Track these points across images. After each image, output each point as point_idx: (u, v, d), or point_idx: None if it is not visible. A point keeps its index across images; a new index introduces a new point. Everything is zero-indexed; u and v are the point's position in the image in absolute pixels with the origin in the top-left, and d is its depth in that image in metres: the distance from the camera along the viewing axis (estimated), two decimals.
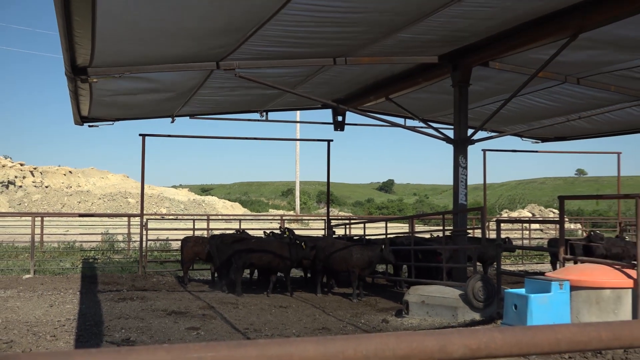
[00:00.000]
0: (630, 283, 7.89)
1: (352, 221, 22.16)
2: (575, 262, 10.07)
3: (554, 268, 16.46)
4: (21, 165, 58.85)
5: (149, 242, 17.23)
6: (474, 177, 12.29)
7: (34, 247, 15.83)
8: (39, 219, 17.59)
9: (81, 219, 30.20)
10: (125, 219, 19.88)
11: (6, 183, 53.79)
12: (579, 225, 32.80)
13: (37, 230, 16.71)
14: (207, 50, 9.53)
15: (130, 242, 19.54)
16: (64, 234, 20.87)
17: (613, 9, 8.26)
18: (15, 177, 55.65)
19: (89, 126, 14.71)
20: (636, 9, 8.12)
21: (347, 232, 19.00)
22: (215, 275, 14.05)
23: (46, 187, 55.61)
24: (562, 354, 6.51)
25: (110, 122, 14.94)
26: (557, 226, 9.99)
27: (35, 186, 55.33)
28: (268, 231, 15.05)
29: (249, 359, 1.41)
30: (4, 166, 56.49)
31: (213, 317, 10.23)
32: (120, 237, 21.13)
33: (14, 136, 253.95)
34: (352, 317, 10.54)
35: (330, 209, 19.96)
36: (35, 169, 59.63)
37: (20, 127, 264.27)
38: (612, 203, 49.90)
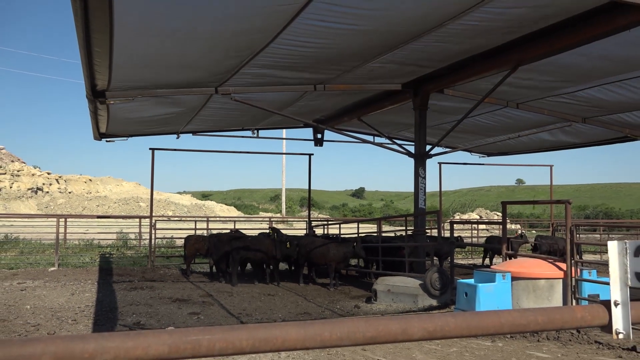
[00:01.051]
0: (561, 274, 7.96)
1: (330, 222, 22.11)
2: (511, 257, 10.08)
3: (490, 261, 16.65)
4: (48, 174, 58.03)
5: (157, 240, 17.07)
6: (431, 185, 12.37)
7: (58, 244, 15.61)
8: (63, 220, 17.34)
9: (99, 220, 29.85)
10: (137, 220, 19.65)
11: (35, 189, 53.00)
12: (518, 226, 33.09)
13: (61, 230, 16.48)
14: (207, 77, 9.49)
15: (141, 240, 19.32)
16: (84, 233, 20.61)
17: (546, 46, 8.36)
18: (43, 184, 54.85)
19: (107, 141, 14.55)
20: (565, 47, 8.24)
21: (325, 231, 18.98)
22: (213, 268, 13.93)
23: (69, 192, 54.87)
24: (505, 334, 6.56)
25: (125, 138, 14.80)
26: (501, 226, 10.06)
27: (60, 192, 54.56)
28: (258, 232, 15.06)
29: (240, 341, 1.40)
30: (33, 175, 55.67)
31: (211, 303, 10.13)
32: (132, 236, 20.89)
33: (42, 149, 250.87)
34: (329, 304, 10.50)
35: (311, 212, 19.92)
36: (60, 177, 58.78)
37: (48, 142, 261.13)
38: (546, 207, 50.49)
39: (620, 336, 1.81)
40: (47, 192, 53.72)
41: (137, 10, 6.02)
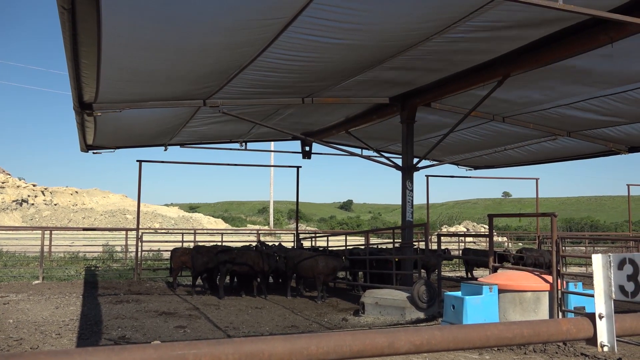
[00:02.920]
0: (547, 287, 8.00)
1: (317, 234, 22.06)
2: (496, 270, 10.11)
3: (471, 274, 16.77)
4: (34, 185, 57.39)
5: (143, 253, 16.92)
6: (418, 197, 12.39)
7: (42, 257, 15.41)
8: (48, 232, 17.14)
9: (85, 232, 29.53)
10: (124, 232, 19.48)
11: (20, 201, 52.38)
12: (505, 239, 33.25)
13: (46, 242, 16.28)
14: (195, 90, 9.48)
15: (127, 253, 19.14)
16: (70, 246, 20.39)
17: (531, 61, 8.48)
18: (28, 196, 54.24)
19: (93, 153, 14.44)
20: (550, 61, 8.36)
21: (313, 244, 18.94)
22: (203, 281, 13.85)
23: (55, 204, 54.29)
24: (491, 347, 6.56)
25: (112, 150, 14.71)
26: (488, 239, 10.10)
27: (45, 204, 53.97)
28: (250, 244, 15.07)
29: (226, 355, 1.39)
30: (18, 186, 55.04)
31: (198, 317, 10.05)
32: (118, 248, 20.70)
33: (28, 160, 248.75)
34: (317, 316, 10.46)
35: (298, 224, 19.89)
36: (45, 189, 58.16)
37: (34, 153, 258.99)
38: (532, 220, 50.77)
39: (605, 349, 1.82)
40: (32, 204, 53.12)
41: (125, 23, 6.02)
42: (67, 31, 5.62)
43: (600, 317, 1.84)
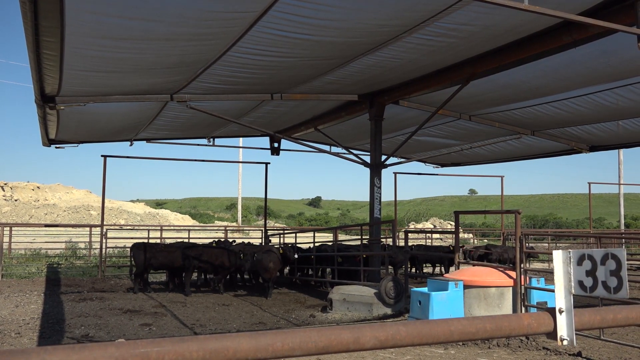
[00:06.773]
0: (511, 282, 8.16)
1: (286, 231, 22.03)
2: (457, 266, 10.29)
3: (419, 270, 17.03)
4: None
5: (108, 250, 16.63)
6: (386, 194, 12.54)
7: (1, 254, 14.98)
8: (8, 228, 16.69)
9: (47, 229, 28.86)
10: (88, 228, 19.10)
11: None
12: (471, 235, 33.82)
13: (6, 239, 15.86)
14: (162, 84, 9.34)
15: (91, 249, 18.78)
16: (31, 242, 19.87)
17: (497, 61, 8.63)
18: None
19: (56, 147, 14.10)
20: (515, 63, 8.51)
21: (282, 241, 18.91)
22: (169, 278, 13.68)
23: (15, 200, 52.84)
24: (455, 342, 6.65)
25: (75, 144, 14.38)
26: (454, 235, 10.25)
27: (5, 199, 52.48)
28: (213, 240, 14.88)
29: (190, 352, 1.37)
30: None
31: (164, 314, 9.93)
32: (82, 245, 20.29)
33: None
34: (285, 313, 10.45)
35: (267, 221, 19.83)
36: (5, 184, 56.53)
37: None
38: (498, 217, 51.70)
39: (565, 342, 1.87)
40: None
41: (89, 11, 5.87)
42: (29, 21, 5.47)
43: (560, 312, 1.89)
